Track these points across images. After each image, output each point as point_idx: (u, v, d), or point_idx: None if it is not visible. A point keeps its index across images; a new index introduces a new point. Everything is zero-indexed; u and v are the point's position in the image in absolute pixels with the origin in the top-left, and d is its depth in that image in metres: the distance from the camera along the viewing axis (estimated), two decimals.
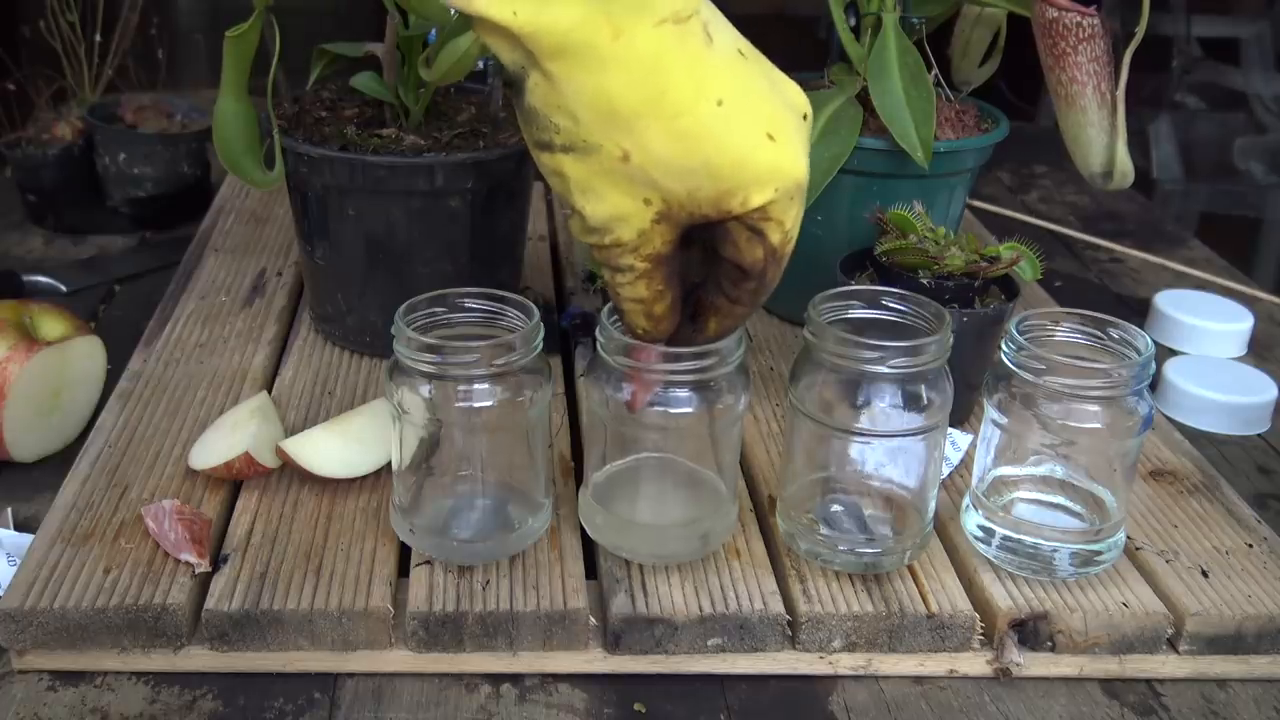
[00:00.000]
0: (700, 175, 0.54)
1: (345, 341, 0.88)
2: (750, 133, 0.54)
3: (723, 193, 0.54)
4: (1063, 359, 0.63)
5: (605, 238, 0.56)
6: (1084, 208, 1.33)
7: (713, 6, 0.54)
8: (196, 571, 0.64)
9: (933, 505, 0.67)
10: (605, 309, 0.64)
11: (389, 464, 0.70)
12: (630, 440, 0.66)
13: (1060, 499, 0.68)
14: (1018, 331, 0.65)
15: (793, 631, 0.64)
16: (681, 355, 0.61)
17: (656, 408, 0.62)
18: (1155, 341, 0.79)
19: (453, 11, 0.71)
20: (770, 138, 0.54)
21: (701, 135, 0.53)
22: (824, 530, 0.66)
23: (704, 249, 0.59)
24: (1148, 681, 0.65)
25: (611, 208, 0.55)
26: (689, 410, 0.62)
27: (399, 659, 0.63)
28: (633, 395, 0.62)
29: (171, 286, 0.97)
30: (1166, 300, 1.02)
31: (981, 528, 0.68)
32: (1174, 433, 0.83)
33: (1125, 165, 0.84)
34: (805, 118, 0.57)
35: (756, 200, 0.54)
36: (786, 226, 0.56)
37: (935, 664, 0.65)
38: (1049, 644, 0.65)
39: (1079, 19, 0.80)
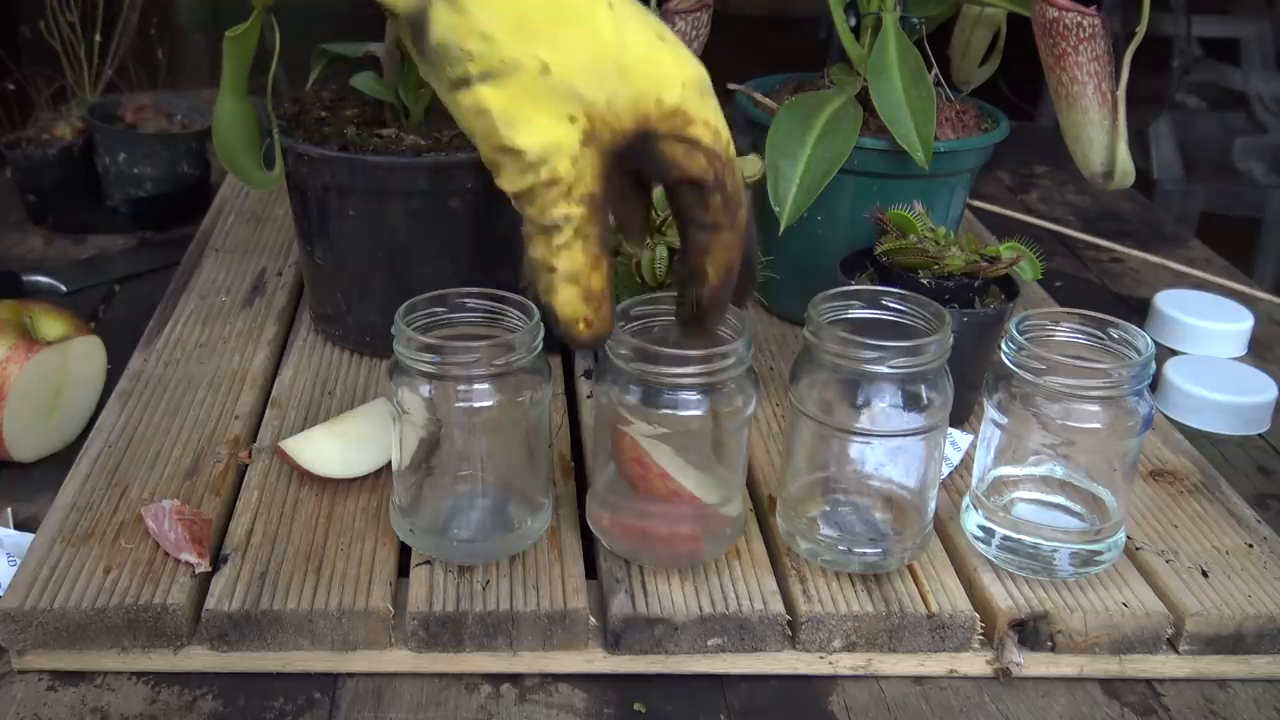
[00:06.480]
0: (614, 79, 0.55)
1: (345, 341, 0.88)
2: (644, 33, 0.56)
3: (637, 94, 0.55)
4: (1063, 359, 0.63)
5: (541, 172, 0.55)
6: (1084, 208, 1.33)
7: None
8: (196, 571, 0.64)
9: (933, 505, 0.67)
10: (614, 313, 0.64)
11: (389, 464, 0.70)
12: None
13: (1060, 499, 0.68)
14: (1018, 331, 0.65)
15: (793, 631, 0.64)
16: (691, 358, 0.61)
17: (664, 410, 0.62)
18: (1155, 341, 0.79)
19: None
20: (660, 38, 0.57)
21: (606, 38, 0.55)
22: (824, 530, 0.66)
23: (635, 187, 0.61)
24: (1148, 681, 0.65)
25: (542, 132, 0.55)
26: (698, 413, 0.62)
27: (399, 659, 0.63)
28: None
29: (171, 286, 0.97)
30: (1166, 300, 1.02)
31: (981, 528, 0.68)
32: (1174, 433, 0.83)
33: (1126, 165, 0.84)
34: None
35: (669, 99, 0.56)
36: (712, 123, 0.57)
37: (935, 664, 0.65)
38: (1049, 644, 0.65)
39: (1079, 19, 0.80)
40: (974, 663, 0.65)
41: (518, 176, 0.56)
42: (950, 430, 0.76)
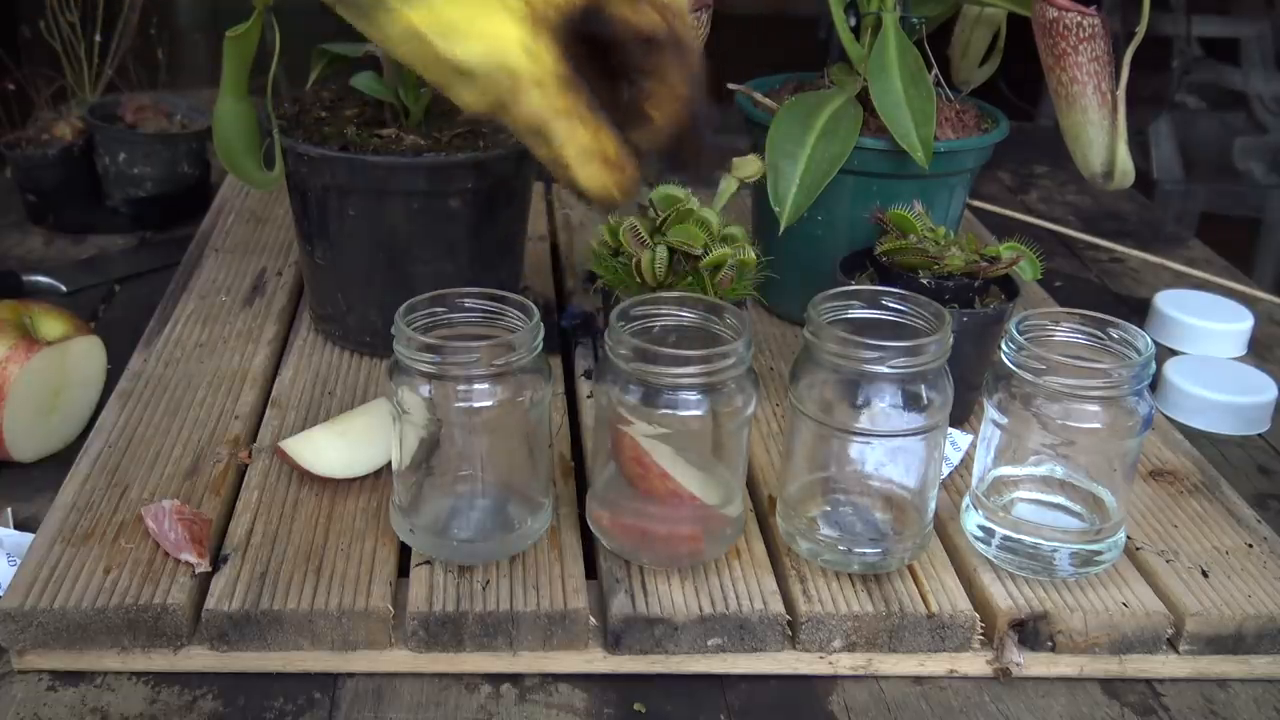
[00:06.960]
0: None
1: (345, 341, 0.88)
2: None
3: None
4: (1063, 359, 0.64)
5: (500, 80, 0.53)
6: (1084, 208, 1.33)
7: None
8: (196, 571, 0.64)
9: (933, 505, 0.67)
10: (615, 313, 0.64)
11: (389, 464, 0.70)
12: None
13: (1060, 499, 0.68)
14: (1018, 331, 0.65)
15: (793, 631, 0.64)
16: (691, 358, 0.61)
17: (664, 410, 0.62)
18: (1155, 341, 0.79)
19: None
20: None
21: None
22: (824, 530, 0.66)
23: (601, 69, 0.58)
24: (1148, 681, 0.65)
25: (483, 36, 0.52)
26: (698, 413, 0.62)
27: (399, 659, 0.63)
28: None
29: (171, 286, 0.97)
30: (1166, 300, 1.02)
31: (981, 528, 0.68)
32: (1174, 433, 0.83)
33: (1126, 165, 0.84)
34: None
35: None
36: None
37: (935, 664, 0.65)
38: (1049, 644, 0.65)
39: (1079, 19, 0.80)
40: (974, 663, 0.65)
41: (477, 93, 0.53)
42: (950, 430, 0.76)
